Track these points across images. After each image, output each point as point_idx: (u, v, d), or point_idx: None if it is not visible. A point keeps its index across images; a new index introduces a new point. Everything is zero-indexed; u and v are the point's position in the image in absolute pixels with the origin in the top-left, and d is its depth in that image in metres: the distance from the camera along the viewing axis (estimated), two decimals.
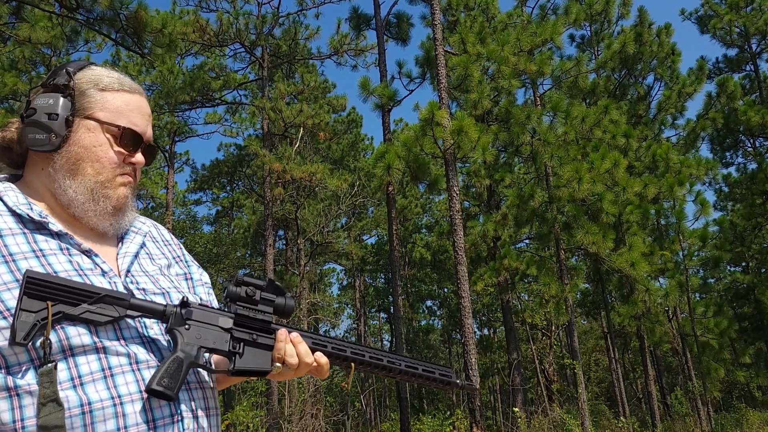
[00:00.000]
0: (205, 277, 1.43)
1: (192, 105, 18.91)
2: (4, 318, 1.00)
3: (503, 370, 24.50)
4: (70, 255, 1.13)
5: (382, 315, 30.49)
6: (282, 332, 1.22)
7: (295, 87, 19.07)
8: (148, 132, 1.25)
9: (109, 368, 1.04)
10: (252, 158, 22.09)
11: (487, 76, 13.04)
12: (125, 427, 1.02)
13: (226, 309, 1.21)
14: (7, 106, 17.57)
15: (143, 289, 1.19)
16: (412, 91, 15.46)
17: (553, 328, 21.05)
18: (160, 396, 1.03)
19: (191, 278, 1.38)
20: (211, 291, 1.43)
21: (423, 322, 31.12)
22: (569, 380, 22.43)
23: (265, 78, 18.23)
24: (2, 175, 1.21)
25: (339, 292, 32.70)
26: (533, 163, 13.65)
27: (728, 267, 22.52)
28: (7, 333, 0.99)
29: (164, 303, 1.14)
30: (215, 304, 1.38)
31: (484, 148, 10.86)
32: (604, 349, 24.17)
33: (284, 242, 24.09)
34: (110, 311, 1.05)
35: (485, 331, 29.00)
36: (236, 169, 25.41)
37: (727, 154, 22.58)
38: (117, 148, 1.19)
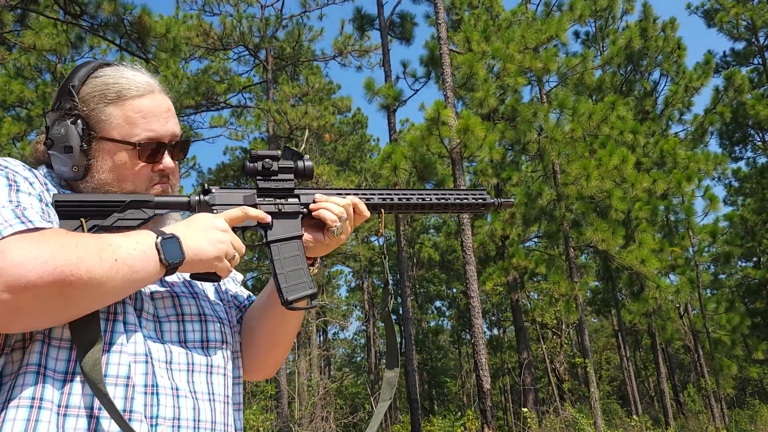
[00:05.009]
0: (238, 276, 1.46)
1: (197, 109, 18.95)
2: None
3: (514, 369, 24.39)
4: None
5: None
6: (318, 196, 1.26)
7: (300, 89, 19.06)
8: (169, 130, 1.18)
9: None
10: None
11: (492, 74, 12.97)
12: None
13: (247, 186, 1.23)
14: (14, 114, 17.64)
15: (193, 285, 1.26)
16: (418, 90, 15.41)
17: (564, 326, 20.95)
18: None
19: None
20: (238, 281, 1.46)
21: (432, 323, 31.04)
22: (580, 379, 22.32)
23: (270, 80, 18.24)
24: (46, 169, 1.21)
25: (347, 294, 32.65)
26: (540, 161, 13.57)
27: (739, 262, 22.28)
28: None
29: (187, 195, 1.18)
30: (244, 293, 1.42)
31: (491, 146, 10.80)
32: (616, 347, 24.02)
33: None
34: (140, 214, 1.10)
35: (495, 331, 28.89)
36: (242, 173, 25.43)
37: (737, 148, 22.40)
38: (140, 164, 1.15)
